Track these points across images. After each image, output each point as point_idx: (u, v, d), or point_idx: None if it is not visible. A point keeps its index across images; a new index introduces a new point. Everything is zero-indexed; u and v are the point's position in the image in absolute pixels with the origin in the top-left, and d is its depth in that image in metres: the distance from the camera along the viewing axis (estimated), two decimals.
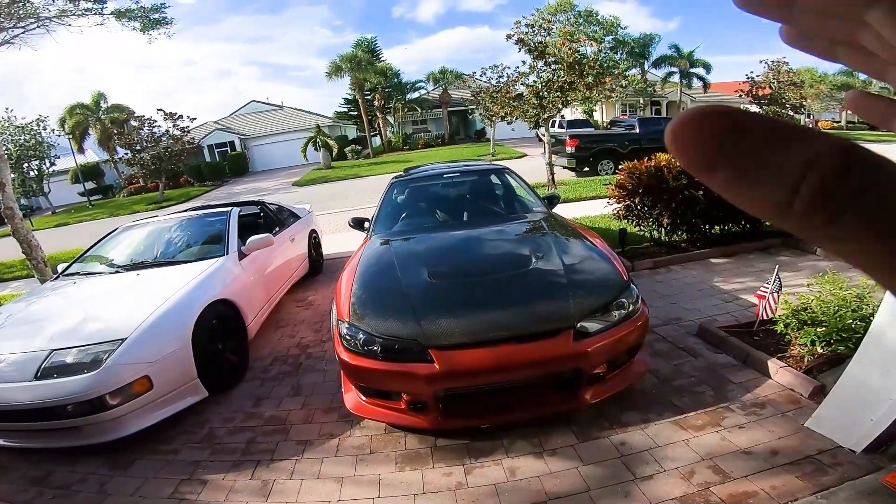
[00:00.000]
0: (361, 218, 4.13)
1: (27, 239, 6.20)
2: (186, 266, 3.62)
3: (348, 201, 12.88)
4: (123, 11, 8.11)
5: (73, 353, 2.60)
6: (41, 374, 2.54)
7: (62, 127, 24.19)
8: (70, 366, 2.56)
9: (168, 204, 19.42)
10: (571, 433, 2.48)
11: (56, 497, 2.38)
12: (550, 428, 2.52)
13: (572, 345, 2.27)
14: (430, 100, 30.94)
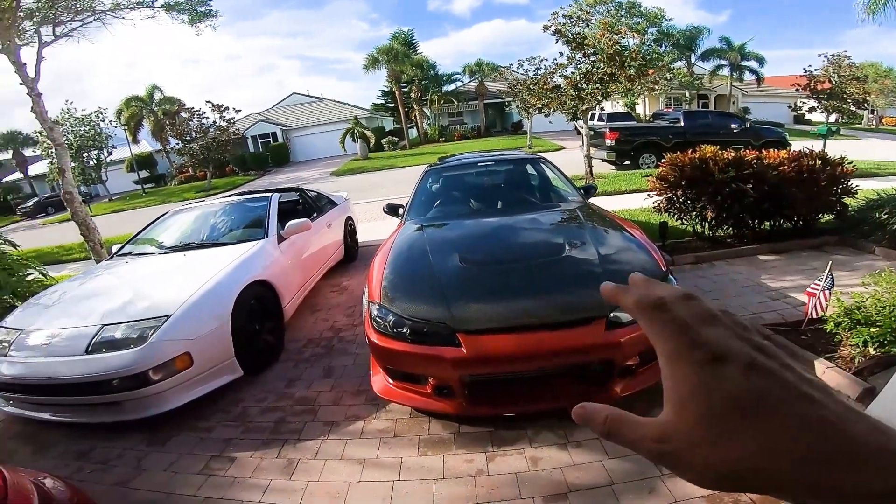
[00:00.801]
0: (396, 204, 4.18)
1: (85, 222, 6.63)
2: (229, 248, 3.75)
3: (384, 191, 13.03)
4: (172, 4, 8.46)
5: (121, 329, 2.73)
6: (91, 348, 2.66)
7: (118, 118, 25.56)
8: (118, 341, 2.69)
9: (215, 192, 20.29)
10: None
11: (94, 471, 2.48)
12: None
13: (604, 334, 2.20)
14: (467, 92, 30.81)
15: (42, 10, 7.10)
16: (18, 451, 2.78)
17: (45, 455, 2.69)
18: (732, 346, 0.28)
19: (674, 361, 0.29)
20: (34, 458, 2.67)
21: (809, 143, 7.85)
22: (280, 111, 33.69)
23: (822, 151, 4.97)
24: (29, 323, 3.02)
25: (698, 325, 0.29)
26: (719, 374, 0.26)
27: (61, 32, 7.51)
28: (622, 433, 0.29)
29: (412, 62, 27.19)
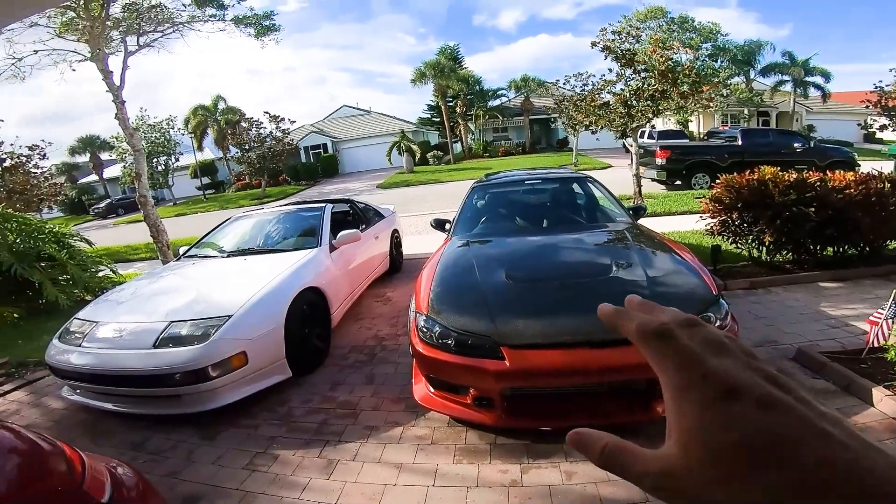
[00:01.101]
0: (443, 219, 4.28)
1: (156, 224, 7.17)
2: (285, 255, 3.98)
3: (428, 205, 13.25)
4: (241, 18, 9.11)
5: (187, 326, 2.94)
6: (159, 343, 2.85)
7: (186, 126, 27.28)
8: (184, 337, 2.88)
9: (268, 200, 21.25)
10: (638, 444, 2.38)
11: (147, 461, 2.62)
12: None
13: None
14: (512, 107, 30.87)
15: (128, 19, 7.79)
16: (78, 438, 2.90)
17: (103, 444, 2.81)
18: (744, 379, 0.26)
19: (680, 395, 0.27)
20: (93, 446, 2.77)
21: (879, 163, 7.34)
22: (331, 123, 34.83)
23: (893, 173, 4.66)
24: (102, 316, 3.28)
25: (706, 355, 0.28)
26: (731, 411, 0.25)
27: (144, 42, 8.22)
28: (621, 464, 0.28)
29: (458, 77, 27.61)
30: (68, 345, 3.10)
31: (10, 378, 3.91)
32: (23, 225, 6.40)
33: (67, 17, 7.27)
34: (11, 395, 3.67)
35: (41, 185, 14.69)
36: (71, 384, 3.15)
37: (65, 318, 5.46)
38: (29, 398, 3.61)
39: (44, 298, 5.83)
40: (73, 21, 7.08)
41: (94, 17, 6.90)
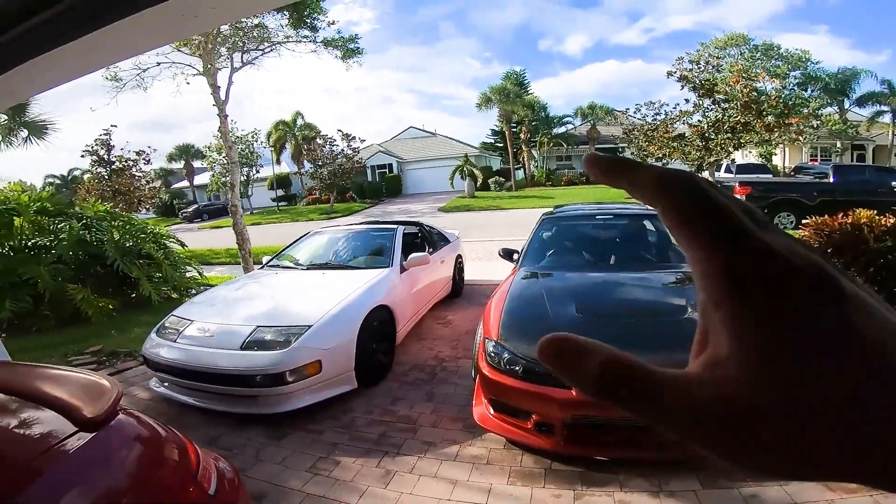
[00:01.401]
0: (511, 249, 4.35)
1: (242, 233, 7.79)
2: (359, 272, 4.22)
3: (488, 232, 13.33)
4: (330, 41, 9.81)
5: (271, 332, 3.17)
6: (245, 345, 3.08)
7: (268, 140, 29.09)
8: (268, 342, 3.10)
9: (336, 215, 22.25)
10: (695, 478, 2.33)
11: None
12: (673, 470, 2.40)
13: None
14: (577, 135, 30.38)
15: (233, 37, 8.61)
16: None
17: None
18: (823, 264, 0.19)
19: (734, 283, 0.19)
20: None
21: None
22: (397, 143, 35.61)
23: None
24: (196, 315, 3.60)
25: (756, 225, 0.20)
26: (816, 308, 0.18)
27: (246, 60, 9.08)
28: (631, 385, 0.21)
29: (523, 102, 27.58)
30: (164, 339, 3.41)
31: (102, 366, 4.27)
32: (127, 224, 7.20)
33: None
34: None
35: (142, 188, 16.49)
36: (161, 376, 3.41)
37: (154, 312, 6.07)
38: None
39: (137, 293, 6.50)
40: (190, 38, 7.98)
41: (207, 33, 7.74)
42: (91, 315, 5.68)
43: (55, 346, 4.93)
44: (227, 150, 8.30)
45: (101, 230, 6.56)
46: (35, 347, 4.90)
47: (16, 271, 5.50)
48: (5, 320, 5.23)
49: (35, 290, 5.52)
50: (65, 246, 5.98)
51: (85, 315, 5.70)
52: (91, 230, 6.48)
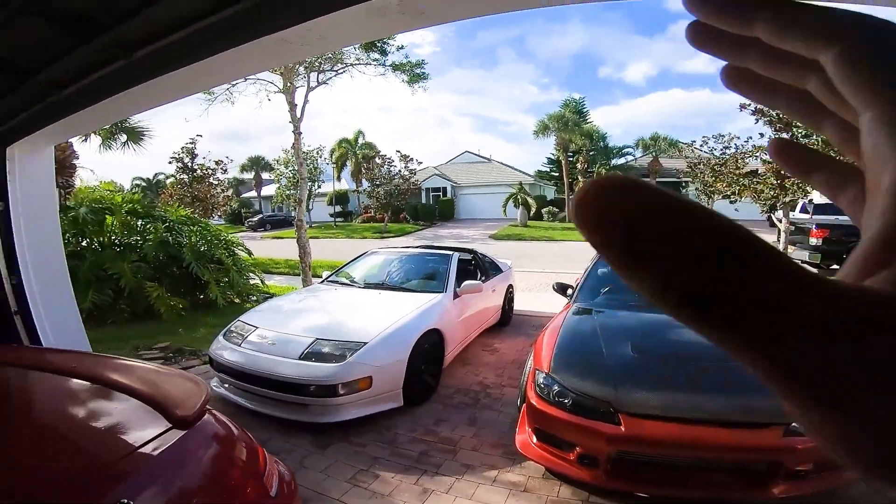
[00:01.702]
0: (565, 284, 4.32)
1: (304, 246, 8.19)
2: (414, 295, 4.34)
3: (539, 263, 13.16)
4: (398, 65, 10.25)
5: (329, 345, 3.32)
6: (304, 355, 3.25)
7: (331, 157, 30.16)
8: (324, 354, 3.25)
9: (389, 235, 22.73)
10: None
11: None
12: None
13: (781, 439, 2.19)
14: (637, 167, 29.40)
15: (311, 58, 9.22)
16: None
17: None
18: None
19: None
20: None
21: None
22: (452, 167, 35.89)
23: None
24: (260, 322, 3.81)
25: None
26: None
27: (321, 80, 9.68)
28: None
29: (582, 131, 27.17)
30: (229, 342, 3.63)
31: (168, 362, 4.56)
32: (203, 230, 7.76)
33: None
34: None
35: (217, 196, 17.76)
36: (222, 377, 3.59)
37: (219, 315, 6.46)
38: None
39: (205, 295, 6.95)
40: None
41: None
42: (163, 312, 6.14)
43: (126, 338, 5.34)
44: (298, 167, 8.79)
45: (181, 233, 7.12)
46: (108, 339, 5.32)
47: (102, 266, 6.07)
48: (86, 311, 5.75)
49: (116, 284, 6.06)
50: (150, 246, 6.55)
51: (157, 312, 6.17)
52: (172, 233, 7.05)
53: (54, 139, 3.01)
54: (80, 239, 6.54)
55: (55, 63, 1.82)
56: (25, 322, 2.88)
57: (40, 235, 3.02)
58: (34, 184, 2.99)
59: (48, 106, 2.19)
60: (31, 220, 2.95)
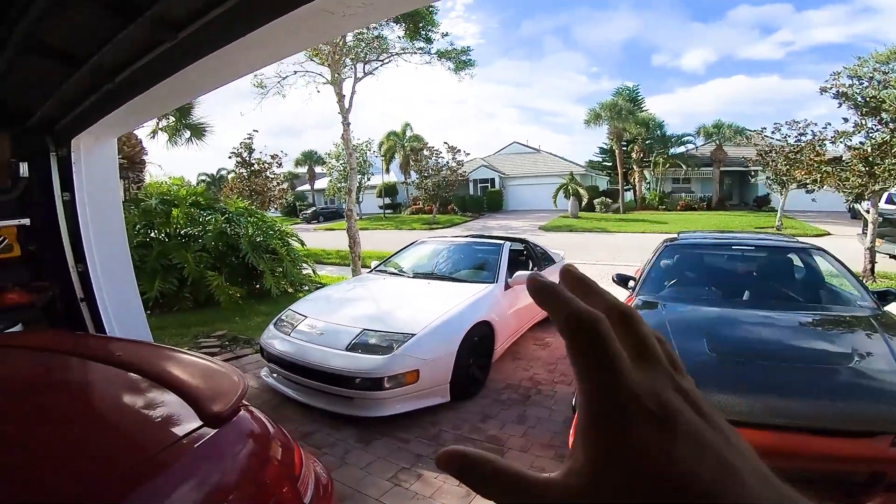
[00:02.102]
0: (626, 276, 4.02)
1: (354, 237, 8.25)
2: (463, 285, 4.19)
3: (591, 255, 12.65)
4: (444, 52, 10.04)
5: (376, 336, 3.23)
6: (351, 347, 3.16)
7: (379, 149, 30.58)
8: (371, 346, 3.16)
9: (437, 226, 22.79)
10: None
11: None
12: None
13: (889, 450, 1.98)
14: (699, 156, 27.81)
15: (356, 47, 9.20)
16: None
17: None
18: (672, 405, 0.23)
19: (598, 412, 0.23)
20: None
21: None
22: (500, 158, 35.64)
23: None
24: (309, 312, 3.79)
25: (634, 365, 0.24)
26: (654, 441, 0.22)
27: (367, 70, 9.68)
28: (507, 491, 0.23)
29: (637, 120, 25.98)
30: (279, 332, 3.63)
31: (223, 350, 4.65)
32: (260, 221, 8.01)
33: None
34: None
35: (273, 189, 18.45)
36: (271, 367, 3.58)
37: (272, 304, 6.62)
38: None
39: (260, 285, 7.17)
40: (320, 47, 8.70)
41: (335, 43, 8.40)
42: (221, 301, 6.38)
43: (188, 325, 5.57)
44: (348, 157, 8.86)
45: (239, 225, 7.38)
46: (172, 325, 5.57)
47: (167, 255, 6.38)
48: (152, 299, 6.07)
49: (180, 274, 6.35)
50: (210, 236, 6.82)
51: (216, 300, 6.42)
52: (231, 224, 7.31)
53: (116, 130, 3.12)
54: (149, 230, 6.92)
55: (104, 49, 1.82)
56: (91, 309, 3.03)
57: (105, 226, 3.16)
58: (98, 175, 3.12)
59: (104, 95, 2.23)
60: (96, 211, 3.08)
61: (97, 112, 2.48)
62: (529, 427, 3.20)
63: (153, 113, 2.71)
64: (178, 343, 4.81)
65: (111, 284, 3.15)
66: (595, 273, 4.45)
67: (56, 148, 2.96)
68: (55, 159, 2.98)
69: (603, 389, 0.23)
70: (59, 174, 2.98)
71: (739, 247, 4.01)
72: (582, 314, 0.25)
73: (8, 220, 2.81)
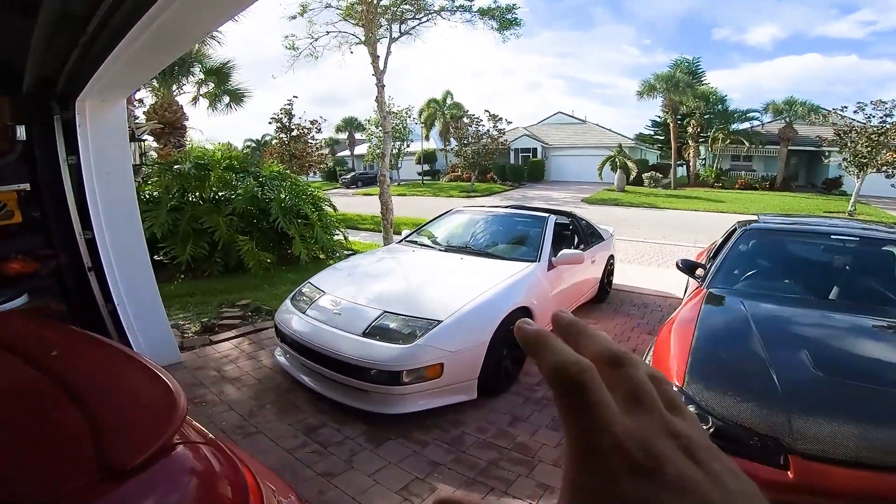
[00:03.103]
0: (694, 262, 3.44)
1: (386, 203, 7.91)
2: (501, 263, 3.70)
3: (638, 231, 11.84)
4: (486, 10, 9.27)
5: (397, 321, 2.83)
6: (369, 331, 2.77)
7: (419, 117, 30.28)
8: (391, 332, 2.77)
9: (475, 194, 22.34)
10: None
11: (313, 453, 2.49)
12: None
13: None
14: (764, 133, 25.57)
15: (392, 6, 8.65)
16: (268, 403, 3.00)
17: (285, 418, 2.82)
18: (659, 452, 0.22)
19: (581, 461, 0.23)
20: (278, 417, 2.84)
21: None
22: (543, 128, 34.44)
23: None
24: (328, 287, 3.40)
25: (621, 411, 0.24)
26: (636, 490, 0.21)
27: (404, 30, 9.09)
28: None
29: (696, 93, 24.10)
30: (296, 309, 3.24)
31: (245, 322, 4.36)
32: (294, 185, 7.78)
33: (349, 2, 8.51)
34: (238, 341, 3.96)
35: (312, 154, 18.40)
36: (284, 348, 3.23)
37: (301, 271, 6.40)
38: (250, 348, 3.85)
39: (290, 251, 6.99)
40: (353, 6, 8.19)
41: (368, 2, 7.87)
42: (251, 266, 6.23)
43: (216, 292, 5.39)
44: (382, 120, 8.44)
45: (272, 188, 7.17)
46: (200, 292, 5.41)
47: (199, 219, 6.26)
48: (184, 262, 5.98)
49: (212, 238, 6.22)
50: (240, 200, 6.63)
51: (246, 266, 6.27)
52: (264, 188, 7.11)
53: (121, 91, 2.85)
54: (185, 194, 6.82)
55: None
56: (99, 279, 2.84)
57: (114, 191, 2.92)
58: (107, 139, 2.89)
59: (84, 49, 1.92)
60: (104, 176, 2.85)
61: (87, 69, 2.19)
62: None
63: (151, 66, 2.41)
64: (201, 313, 4.65)
65: (121, 253, 2.94)
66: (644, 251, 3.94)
67: (61, 111, 2.73)
68: (59, 122, 2.75)
69: (586, 440, 0.23)
70: (65, 138, 2.75)
71: (838, 235, 3.35)
72: (567, 364, 0.24)
73: (7, 185, 2.59)
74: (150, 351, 3.24)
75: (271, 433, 2.67)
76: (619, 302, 5.67)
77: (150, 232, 5.73)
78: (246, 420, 2.80)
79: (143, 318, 3.15)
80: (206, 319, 4.33)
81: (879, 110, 14.14)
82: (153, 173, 6.94)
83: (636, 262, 8.35)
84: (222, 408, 2.94)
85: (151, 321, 3.22)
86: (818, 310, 2.69)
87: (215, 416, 2.84)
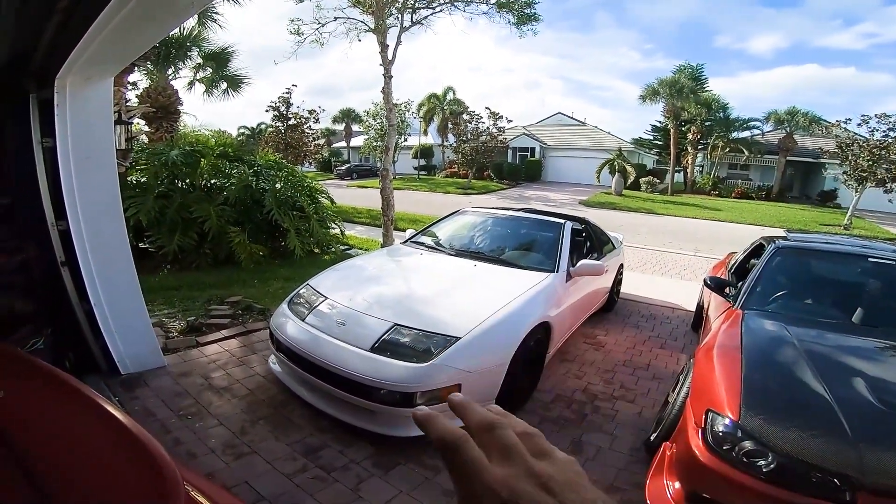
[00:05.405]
0: (724, 280, 3.22)
1: (388, 198, 7.57)
2: (518, 272, 3.44)
3: (639, 237, 11.66)
4: (505, 2, 8.83)
5: (411, 335, 2.57)
6: (378, 346, 2.50)
7: (418, 111, 29.82)
8: (404, 348, 2.51)
9: (472, 192, 22.10)
10: None
11: (314, 479, 2.26)
12: None
13: None
14: (763, 143, 25.61)
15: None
16: (262, 418, 2.72)
17: (282, 437, 2.56)
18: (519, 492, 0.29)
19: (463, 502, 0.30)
20: (273, 435, 2.57)
21: None
22: (542, 128, 34.32)
23: None
24: (331, 292, 3.07)
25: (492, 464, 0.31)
26: None
27: (416, 19, 8.67)
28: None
29: (698, 100, 23.98)
30: (293, 314, 2.94)
31: (234, 321, 4.02)
32: (289, 175, 7.41)
33: None
34: (227, 344, 3.66)
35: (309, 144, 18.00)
36: (279, 357, 2.93)
37: (295, 266, 6.07)
38: (240, 352, 3.55)
39: (284, 243, 6.66)
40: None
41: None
42: (242, 259, 5.90)
43: (203, 287, 5.05)
44: (388, 113, 8.07)
45: (267, 178, 6.81)
46: (187, 286, 5.07)
47: (188, 208, 5.89)
48: (171, 253, 5.63)
49: (201, 228, 5.86)
50: (233, 189, 6.24)
51: (237, 259, 5.94)
52: (258, 177, 6.74)
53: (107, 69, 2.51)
54: (174, 180, 6.43)
55: None
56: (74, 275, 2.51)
57: (94, 178, 2.58)
58: (88, 121, 2.54)
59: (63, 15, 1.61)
60: (82, 162, 2.51)
61: (68, 41, 1.88)
62: (586, 459, 2.55)
63: (142, 39, 2.12)
64: (187, 309, 4.32)
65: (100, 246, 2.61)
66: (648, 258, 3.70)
67: (38, 90, 2.39)
68: (34, 102, 2.40)
69: (466, 488, 0.30)
70: (40, 119, 2.42)
71: (876, 258, 3.16)
72: (447, 435, 0.32)
73: None
74: (131, 355, 2.94)
75: (267, 454, 2.38)
76: (627, 312, 5.48)
77: (135, 219, 5.39)
78: (238, 438, 2.51)
79: (122, 318, 2.83)
80: (193, 318, 3.99)
81: (883, 124, 14.11)
82: (141, 159, 6.54)
83: (639, 269, 8.17)
84: (211, 422, 2.64)
85: (132, 322, 2.90)
86: (864, 336, 2.56)
87: (203, 433, 2.54)
